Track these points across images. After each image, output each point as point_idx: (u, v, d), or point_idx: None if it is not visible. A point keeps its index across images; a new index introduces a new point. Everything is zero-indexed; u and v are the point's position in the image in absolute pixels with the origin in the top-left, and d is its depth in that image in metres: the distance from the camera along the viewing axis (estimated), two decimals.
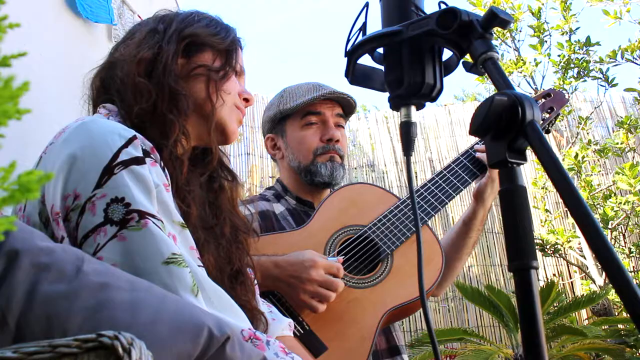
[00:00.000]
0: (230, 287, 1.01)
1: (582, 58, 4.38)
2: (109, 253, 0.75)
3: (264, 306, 1.11)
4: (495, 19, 0.69)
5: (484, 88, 5.75)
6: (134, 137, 0.83)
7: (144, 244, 0.76)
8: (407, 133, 0.78)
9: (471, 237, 1.63)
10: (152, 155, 0.85)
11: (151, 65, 0.97)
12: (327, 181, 1.63)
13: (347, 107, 1.71)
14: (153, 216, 0.78)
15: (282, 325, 1.10)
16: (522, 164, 0.66)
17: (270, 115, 1.74)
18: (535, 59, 4.58)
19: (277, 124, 1.73)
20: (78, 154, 0.80)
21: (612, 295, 3.99)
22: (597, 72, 4.37)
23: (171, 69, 0.97)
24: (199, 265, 0.84)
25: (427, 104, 0.80)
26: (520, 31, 4.76)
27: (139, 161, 0.81)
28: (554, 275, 5.14)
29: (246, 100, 1.10)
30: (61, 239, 0.79)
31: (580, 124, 4.73)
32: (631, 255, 4.38)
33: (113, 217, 0.76)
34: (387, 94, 0.79)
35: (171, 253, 0.77)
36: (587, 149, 4.37)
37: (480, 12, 1.94)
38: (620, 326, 3.96)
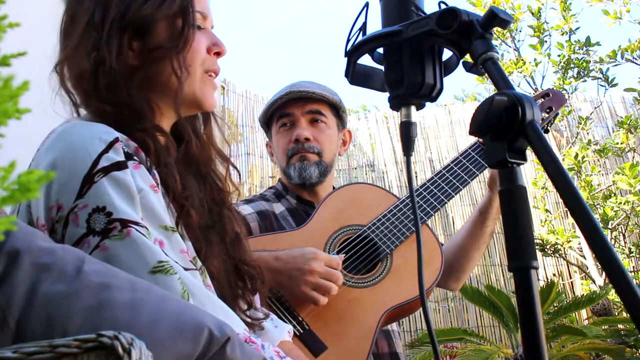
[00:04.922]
0: (238, 277, 0.99)
1: (582, 58, 4.37)
2: None
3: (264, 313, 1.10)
4: (495, 19, 0.70)
5: (484, 88, 5.75)
6: (116, 140, 0.80)
7: (127, 254, 0.74)
8: (407, 133, 0.78)
9: (488, 227, 1.62)
10: (135, 157, 0.82)
11: (94, 78, 0.88)
12: (298, 182, 1.64)
13: (328, 103, 1.68)
14: (136, 223, 0.76)
15: (283, 332, 1.09)
16: (522, 164, 0.66)
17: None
18: (535, 59, 4.57)
19: (267, 130, 1.78)
20: (58, 163, 0.78)
21: (612, 295, 3.99)
22: (597, 72, 4.36)
23: (117, 77, 0.87)
24: (190, 269, 0.81)
25: (427, 104, 0.80)
26: (520, 31, 4.75)
27: (120, 166, 0.78)
28: (554, 275, 5.14)
29: (217, 54, 0.98)
30: None
31: (580, 124, 4.73)
32: (631, 255, 4.38)
33: (95, 228, 0.75)
34: (387, 94, 0.79)
35: (157, 261, 0.75)
36: (587, 149, 4.37)
37: (480, 12, 1.93)
38: (620, 326, 3.96)
